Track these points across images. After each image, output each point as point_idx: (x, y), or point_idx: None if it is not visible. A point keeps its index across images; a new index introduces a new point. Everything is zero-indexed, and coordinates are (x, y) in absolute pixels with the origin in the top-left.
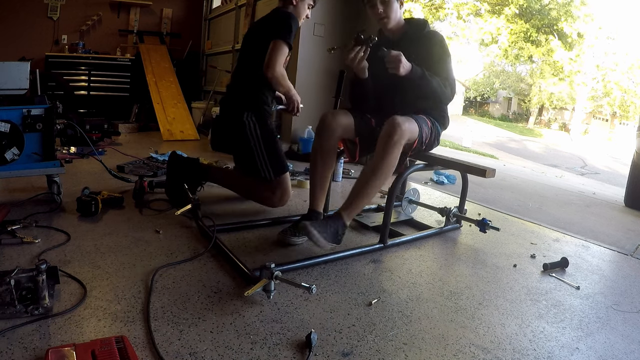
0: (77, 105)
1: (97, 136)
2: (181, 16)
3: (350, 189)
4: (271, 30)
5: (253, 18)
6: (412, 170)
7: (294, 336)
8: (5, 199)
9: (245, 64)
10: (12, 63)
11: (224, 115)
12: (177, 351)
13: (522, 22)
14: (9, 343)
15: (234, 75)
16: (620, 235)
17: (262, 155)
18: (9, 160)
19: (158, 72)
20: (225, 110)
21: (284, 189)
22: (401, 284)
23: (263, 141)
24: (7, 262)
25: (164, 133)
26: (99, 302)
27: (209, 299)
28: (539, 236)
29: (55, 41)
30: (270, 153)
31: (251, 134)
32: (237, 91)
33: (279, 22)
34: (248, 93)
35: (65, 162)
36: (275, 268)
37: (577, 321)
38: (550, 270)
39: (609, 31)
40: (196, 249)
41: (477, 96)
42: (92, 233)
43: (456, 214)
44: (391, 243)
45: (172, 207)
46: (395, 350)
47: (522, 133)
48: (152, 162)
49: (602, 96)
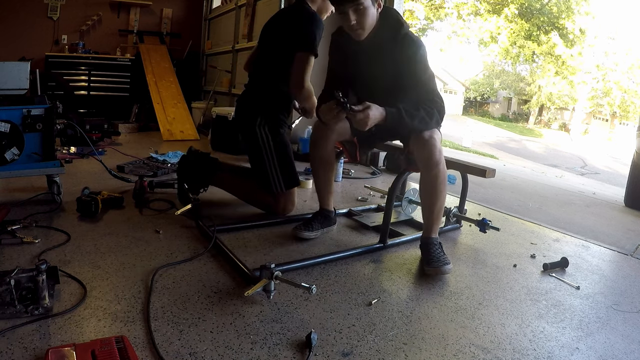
0: (77, 105)
1: (97, 136)
2: (181, 16)
3: (350, 188)
4: (296, 36)
5: (253, 18)
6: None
7: (294, 336)
8: (5, 199)
9: (266, 68)
10: (12, 63)
11: (239, 118)
12: (177, 351)
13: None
14: (9, 343)
15: (252, 75)
16: (620, 235)
17: (274, 166)
18: (9, 160)
19: (158, 72)
20: (240, 114)
21: (289, 200)
22: (401, 284)
23: (276, 152)
24: (7, 262)
25: (164, 133)
26: (99, 302)
27: (209, 299)
28: (539, 236)
29: (55, 41)
30: (282, 164)
31: (264, 144)
32: (253, 96)
33: (303, 29)
34: (264, 102)
35: (65, 162)
36: (275, 268)
37: (577, 321)
38: (550, 270)
39: (610, 31)
40: (196, 249)
41: (477, 96)
42: (92, 233)
43: (456, 214)
44: (391, 243)
45: (172, 207)
46: (395, 350)
47: (522, 133)
48: (152, 162)
49: (602, 96)
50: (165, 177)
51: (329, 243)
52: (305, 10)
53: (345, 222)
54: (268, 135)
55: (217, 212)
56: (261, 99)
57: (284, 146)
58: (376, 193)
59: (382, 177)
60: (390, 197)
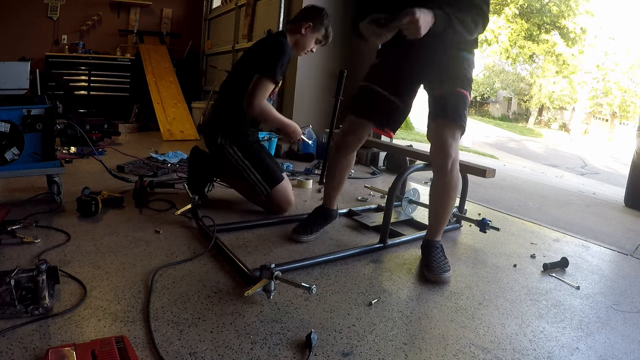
0: (77, 105)
1: (97, 136)
2: (181, 16)
3: (350, 188)
4: (262, 60)
5: (253, 18)
6: (412, 170)
7: (294, 336)
8: (5, 199)
9: (229, 89)
10: (12, 63)
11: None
12: (177, 351)
13: (523, 22)
14: (9, 343)
15: (217, 97)
16: (620, 235)
17: (252, 173)
18: (9, 160)
19: (158, 72)
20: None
21: (282, 199)
22: (401, 284)
23: (248, 160)
24: (7, 262)
25: (164, 133)
26: (99, 302)
27: (209, 299)
28: (539, 236)
29: (55, 41)
30: (258, 168)
31: (233, 157)
32: (215, 115)
33: (270, 55)
34: (224, 120)
35: (65, 162)
36: (275, 268)
37: (577, 321)
38: (550, 270)
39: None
40: (196, 249)
41: (477, 96)
42: (92, 233)
43: (456, 214)
44: (391, 243)
45: (172, 207)
46: (395, 350)
47: (522, 133)
48: (152, 162)
49: (602, 96)
50: (165, 177)
51: (329, 243)
52: (278, 40)
53: (345, 222)
54: (233, 147)
55: (217, 212)
56: (221, 117)
57: (253, 151)
58: (376, 193)
59: (382, 177)
60: (390, 197)
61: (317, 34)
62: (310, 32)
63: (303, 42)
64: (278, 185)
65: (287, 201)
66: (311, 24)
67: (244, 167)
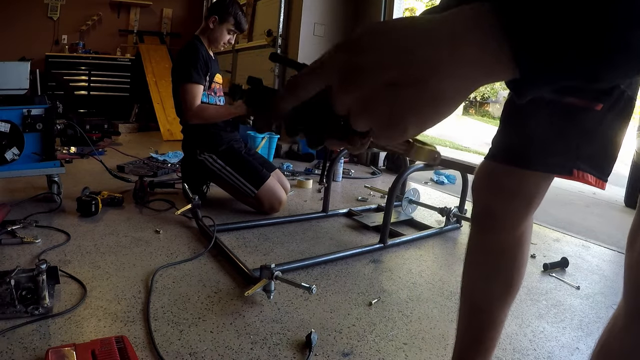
0: (77, 105)
1: (97, 136)
2: (181, 16)
3: (350, 188)
4: (178, 68)
5: (253, 18)
6: (412, 170)
7: (294, 336)
8: (5, 199)
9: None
10: (12, 63)
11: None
12: (177, 351)
13: None
14: (9, 343)
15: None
16: (620, 236)
17: (235, 177)
18: (9, 160)
19: (158, 72)
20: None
21: (272, 199)
22: (401, 284)
23: (229, 165)
24: (7, 262)
25: (164, 133)
26: (99, 302)
27: (209, 299)
28: (539, 236)
29: (55, 41)
30: (240, 172)
31: (213, 165)
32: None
33: (183, 61)
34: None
35: (65, 162)
36: (275, 268)
37: (577, 321)
38: (550, 270)
39: None
40: (196, 249)
41: (477, 96)
42: (92, 233)
43: (456, 213)
44: (391, 243)
45: (172, 207)
46: (395, 350)
47: None
48: (152, 162)
49: None
50: (166, 177)
51: (329, 243)
52: (188, 45)
53: (345, 222)
54: (212, 156)
55: (217, 212)
56: (189, 134)
57: (233, 155)
58: (376, 193)
59: (382, 177)
60: (390, 197)
61: (226, 24)
62: (218, 24)
63: (215, 36)
64: (263, 185)
65: (276, 199)
66: (216, 17)
67: (227, 174)
